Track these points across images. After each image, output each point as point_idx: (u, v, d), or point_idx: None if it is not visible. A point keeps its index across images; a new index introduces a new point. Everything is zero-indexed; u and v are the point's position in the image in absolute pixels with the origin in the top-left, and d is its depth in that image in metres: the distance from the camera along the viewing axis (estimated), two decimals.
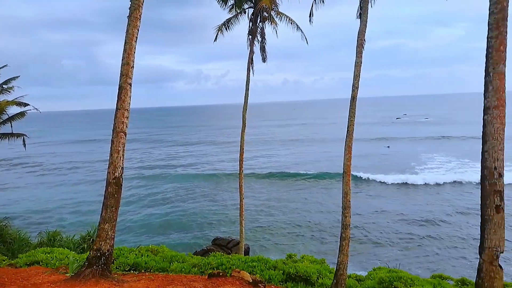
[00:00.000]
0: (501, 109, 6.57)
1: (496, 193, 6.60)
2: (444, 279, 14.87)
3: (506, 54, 6.61)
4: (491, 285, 6.52)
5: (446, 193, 39.59)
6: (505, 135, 6.68)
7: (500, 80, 6.58)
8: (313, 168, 53.77)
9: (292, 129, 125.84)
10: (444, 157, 60.62)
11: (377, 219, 33.04)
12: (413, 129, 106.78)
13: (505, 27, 6.64)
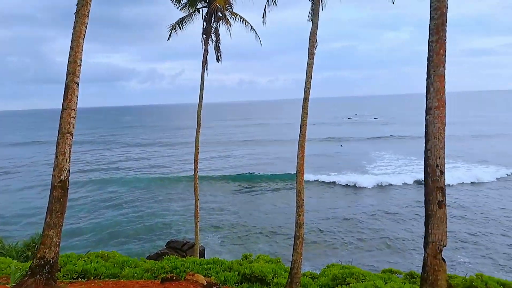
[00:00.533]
0: (442, 109, 6.94)
1: (439, 189, 6.96)
2: (393, 273, 15.48)
3: (445, 58, 7.00)
4: (435, 277, 6.86)
5: (394, 191, 41.46)
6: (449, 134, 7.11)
7: (441, 82, 6.95)
8: (268, 169, 54.08)
9: (248, 129, 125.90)
10: (393, 155, 63.53)
11: (330, 218, 33.93)
12: (363, 129, 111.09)
13: (445, 32, 7.03)
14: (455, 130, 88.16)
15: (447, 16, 7.01)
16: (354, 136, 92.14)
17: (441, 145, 6.96)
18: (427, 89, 7.03)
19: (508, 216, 32.21)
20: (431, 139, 6.97)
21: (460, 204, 35.90)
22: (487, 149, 65.01)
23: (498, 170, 47.93)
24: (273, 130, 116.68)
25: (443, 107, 6.93)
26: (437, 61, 6.94)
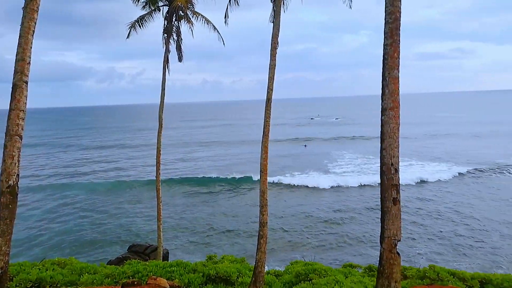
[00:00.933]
0: (396, 110, 7.27)
1: (393, 187, 7.28)
2: (354, 267, 15.97)
3: (399, 61, 7.33)
4: (390, 271, 7.17)
5: (352, 190, 42.70)
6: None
7: (395, 84, 7.28)
8: (233, 171, 53.55)
9: (213, 130, 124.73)
10: (352, 154, 65.46)
11: (293, 216, 34.43)
12: (325, 129, 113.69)
13: (398, 36, 7.36)
14: (410, 130, 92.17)
15: (400, 21, 7.33)
16: (317, 136, 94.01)
17: (395, 144, 7.29)
18: (382, 91, 7.34)
19: (458, 211, 34.06)
20: (386, 138, 7.28)
21: (420, 198, 37.67)
22: (439, 148, 68.39)
23: (450, 168, 50.66)
24: (238, 131, 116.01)
25: (397, 108, 7.25)
26: (392, 64, 7.26)
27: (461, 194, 39.02)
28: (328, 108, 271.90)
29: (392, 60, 7.22)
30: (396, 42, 7.29)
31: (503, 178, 44.82)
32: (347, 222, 32.55)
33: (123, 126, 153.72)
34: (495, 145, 68.95)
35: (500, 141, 72.97)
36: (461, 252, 25.57)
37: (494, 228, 29.42)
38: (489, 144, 70.14)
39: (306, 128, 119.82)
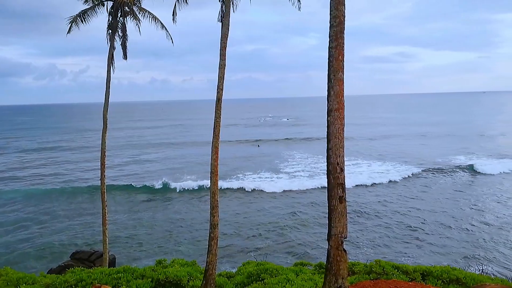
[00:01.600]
0: (341, 111, 7.51)
1: (339, 185, 7.51)
2: (305, 265, 16.31)
3: (344, 63, 7.57)
4: (337, 267, 7.39)
5: (303, 190, 43.58)
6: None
7: (340, 85, 7.51)
8: (184, 172, 51.67)
9: (162, 130, 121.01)
10: (303, 154, 66.94)
11: (245, 218, 34.48)
12: (277, 129, 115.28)
13: (343, 39, 7.60)
14: (357, 130, 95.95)
15: (345, 24, 7.58)
16: (269, 137, 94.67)
17: (340, 144, 7.52)
18: (328, 92, 7.54)
19: (397, 210, 35.95)
20: (332, 139, 7.50)
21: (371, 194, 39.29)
22: (385, 148, 71.76)
23: (395, 167, 53.46)
24: (189, 131, 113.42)
25: (342, 109, 7.48)
26: (337, 66, 7.47)
27: (405, 193, 41.11)
28: (279, 108, 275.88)
29: (337, 62, 7.43)
30: (340, 45, 7.51)
31: (443, 177, 47.81)
32: (298, 220, 33.14)
33: (65, 127, 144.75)
34: (437, 145, 73.44)
35: (440, 142, 77.75)
36: (407, 248, 26.92)
37: (437, 224, 31.37)
38: (432, 144, 74.50)
39: (258, 129, 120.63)
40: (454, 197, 38.51)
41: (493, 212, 33.27)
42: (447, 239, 28.11)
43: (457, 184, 43.88)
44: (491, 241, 27.27)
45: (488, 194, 39.38)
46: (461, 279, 11.99)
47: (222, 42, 11.84)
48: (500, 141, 75.66)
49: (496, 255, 24.91)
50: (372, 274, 12.83)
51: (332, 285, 7.17)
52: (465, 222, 31.00)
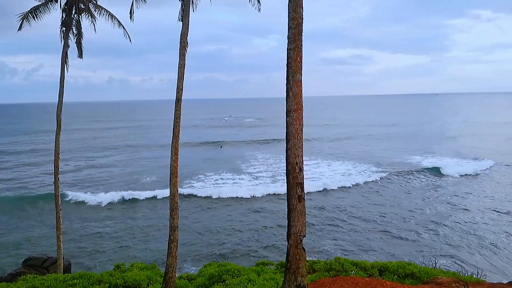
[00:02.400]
0: (300, 112, 7.64)
1: (298, 185, 7.64)
2: (266, 265, 16.45)
3: (302, 64, 7.71)
4: (297, 266, 7.50)
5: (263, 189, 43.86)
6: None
7: (298, 87, 7.64)
8: (144, 178, 49.39)
9: (120, 132, 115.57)
10: (265, 154, 67.42)
11: (205, 218, 34.20)
12: (239, 130, 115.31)
13: (301, 41, 7.74)
14: (317, 132, 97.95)
15: (303, 26, 7.71)
16: (230, 138, 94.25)
17: (299, 144, 7.64)
18: (287, 94, 7.64)
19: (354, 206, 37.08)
20: (291, 139, 7.61)
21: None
22: (345, 149, 73.68)
23: (355, 166, 55.12)
24: (149, 133, 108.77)
25: (300, 110, 7.61)
26: (295, 68, 7.59)
27: (363, 195, 42.27)
28: (241, 109, 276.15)
29: (295, 64, 7.55)
30: (298, 46, 7.63)
31: (404, 178, 49.68)
32: (258, 219, 33.25)
33: (15, 128, 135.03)
34: (396, 146, 75.78)
35: (399, 143, 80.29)
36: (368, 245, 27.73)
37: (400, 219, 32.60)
38: (392, 145, 76.84)
39: (220, 129, 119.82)
40: (413, 197, 39.99)
41: (450, 212, 34.85)
42: (406, 235, 29.25)
43: (419, 184, 45.58)
44: (448, 237, 28.65)
45: (447, 193, 41.26)
46: (416, 273, 12.55)
47: (181, 41, 11.71)
48: (460, 142, 79.09)
49: (452, 252, 26.20)
50: (332, 271, 13.13)
51: (292, 283, 7.28)
52: (424, 222, 32.26)
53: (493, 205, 36.09)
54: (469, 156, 60.81)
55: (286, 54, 7.65)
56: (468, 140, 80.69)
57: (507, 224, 31.22)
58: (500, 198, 38.38)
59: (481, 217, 32.89)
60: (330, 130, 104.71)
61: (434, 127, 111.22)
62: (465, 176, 48.01)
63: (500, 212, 34.00)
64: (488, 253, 25.71)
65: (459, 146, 72.23)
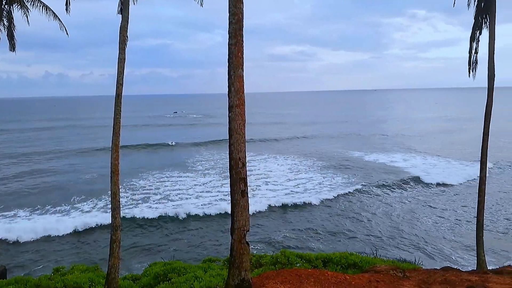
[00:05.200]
0: (242, 107, 7.69)
1: (241, 180, 7.70)
2: (213, 261, 16.45)
3: (243, 60, 7.75)
4: (240, 260, 7.57)
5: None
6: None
7: (240, 82, 7.68)
8: (84, 187, 42.12)
9: (58, 133, 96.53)
10: (211, 150, 66.98)
11: (154, 219, 33.21)
12: (186, 126, 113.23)
13: (242, 36, 7.77)
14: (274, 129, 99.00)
15: (243, 21, 7.75)
16: (177, 134, 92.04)
17: (242, 139, 7.70)
18: (229, 89, 7.66)
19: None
20: (234, 134, 7.65)
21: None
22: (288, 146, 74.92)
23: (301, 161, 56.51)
24: (90, 134, 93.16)
25: (243, 105, 7.66)
26: (236, 63, 7.62)
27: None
28: (186, 105, 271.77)
29: (236, 59, 7.58)
30: (240, 42, 7.67)
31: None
32: (204, 217, 32.80)
33: None
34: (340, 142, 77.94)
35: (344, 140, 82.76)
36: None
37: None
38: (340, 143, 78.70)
39: (166, 126, 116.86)
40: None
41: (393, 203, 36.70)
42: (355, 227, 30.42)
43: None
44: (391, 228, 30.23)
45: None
46: (358, 263, 13.17)
47: (121, 35, 11.30)
48: (392, 140, 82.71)
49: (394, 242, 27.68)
50: (277, 264, 13.42)
51: (236, 278, 7.33)
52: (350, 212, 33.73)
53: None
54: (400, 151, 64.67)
55: (227, 49, 7.65)
56: (400, 138, 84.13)
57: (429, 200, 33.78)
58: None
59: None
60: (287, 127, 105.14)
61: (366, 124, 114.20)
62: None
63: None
64: (421, 240, 27.59)
65: (392, 145, 75.22)
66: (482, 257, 15.29)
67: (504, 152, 58.70)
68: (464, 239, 27.08)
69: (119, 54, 11.38)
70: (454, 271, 10.33)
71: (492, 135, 18.66)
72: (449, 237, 27.90)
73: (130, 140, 69.76)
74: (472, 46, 15.91)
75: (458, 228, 29.56)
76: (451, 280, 8.82)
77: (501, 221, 30.47)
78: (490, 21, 15.05)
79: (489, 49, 15.22)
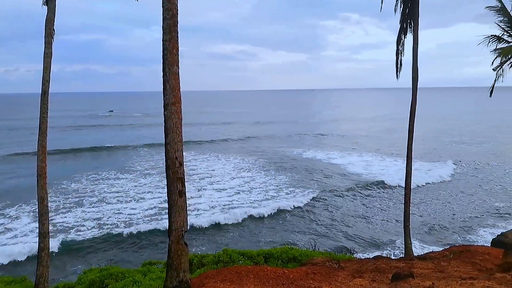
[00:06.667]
0: (178, 105, 7.55)
1: (179, 179, 7.56)
2: (153, 264, 16.03)
3: (179, 57, 7.61)
4: (178, 262, 7.45)
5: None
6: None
7: (175, 79, 7.53)
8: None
9: None
10: (150, 150, 65.07)
11: (88, 221, 31.61)
12: (122, 126, 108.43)
13: (176, 32, 7.62)
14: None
15: (178, 16, 7.59)
16: (114, 134, 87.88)
17: (178, 138, 7.57)
18: (164, 86, 7.49)
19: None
20: (170, 133, 7.49)
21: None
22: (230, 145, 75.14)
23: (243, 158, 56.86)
24: (14, 137, 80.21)
25: (179, 103, 7.52)
26: (171, 60, 7.47)
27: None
28: (124, 103, 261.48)
29: (171, 56, 7.43)
30: (174, 38, 7.52)
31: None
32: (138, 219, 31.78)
33: None
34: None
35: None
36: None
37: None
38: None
39: (102, 127, 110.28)
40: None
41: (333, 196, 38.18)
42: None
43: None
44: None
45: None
46: (298, 256, 13.56)
47: (47, 28, 10.59)
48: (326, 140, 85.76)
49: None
50: (220, 263, 13.38)
51: (174, 279, 7.21)
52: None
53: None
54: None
55: (162, 45, 7.47)
56: (336, 138, 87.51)
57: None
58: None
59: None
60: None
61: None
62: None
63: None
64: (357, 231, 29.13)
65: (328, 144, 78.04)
66: (409, 244, 16.49)
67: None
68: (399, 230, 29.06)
69: (44, 49, 10.69)
70: (384, 259, 11.02)
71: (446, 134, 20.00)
72: (382, 229, 29.79)
73: (60, 143, 64.62)
74: (398, 49, 17.07)
75: (388, 223, 31.61)
76: (381, 267, 9.41)
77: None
78: (414, 26, 16.25)
79: (413, 52, 16.43)
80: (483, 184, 42.15)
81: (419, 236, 27.55)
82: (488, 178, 44.93)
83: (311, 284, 8.32)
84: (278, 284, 8.10)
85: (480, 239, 26.87)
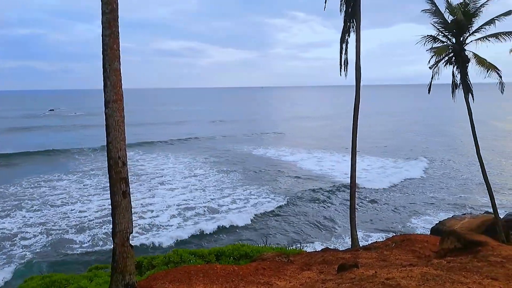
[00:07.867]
0: (120, 102, 7.26)
1: (122, 180, 7.28)
2: (100, 269, 15.45)
3: (120, 52, 7.31)
4: (124, 264, 7.19)
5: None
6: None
7: (117, 76, 7.23)
8: None
9: None
10: (95, 151, 62.06)
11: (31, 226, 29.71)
12: (64, 127, 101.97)
13: (117, 27, 7.31)
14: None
15: (118, 11, 7.28)
16: (54, 135, 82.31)
17: (121, 137, 7.29)
18: (104, 83, 7.17)
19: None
20: (112, 132, 7.19)
21: None
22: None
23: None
24: None
25: (121, 100, 7.24)
26: (112, 56, 7.16)
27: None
28: (65, 101, 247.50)
29: (111, 51, 7.14)
30: (114, 33, 7.23)
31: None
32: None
33: None
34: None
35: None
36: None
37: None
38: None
39: (40, 128, 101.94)
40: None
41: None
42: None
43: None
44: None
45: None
46: (249, 253, 13.64)
47: None
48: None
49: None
50: (170, 264, 13.13)
51: (119, 283, 6.96)
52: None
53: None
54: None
55: (101, 41, 7.13)
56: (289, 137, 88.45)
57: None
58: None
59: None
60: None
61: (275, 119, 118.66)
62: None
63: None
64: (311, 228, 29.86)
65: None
66: (355, 236, 17.15)
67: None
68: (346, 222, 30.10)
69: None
70: (331, 251, 11.41)
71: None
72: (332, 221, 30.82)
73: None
74: (342, 48, 17.63)
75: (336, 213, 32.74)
76: (329, 259, 9.72)
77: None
78: (356, 25, 16.86)
79: (356, 50, 17.04)
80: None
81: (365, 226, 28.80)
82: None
83: (261, 279, 8.40)
84: (228, 282, 8.10)
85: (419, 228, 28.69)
